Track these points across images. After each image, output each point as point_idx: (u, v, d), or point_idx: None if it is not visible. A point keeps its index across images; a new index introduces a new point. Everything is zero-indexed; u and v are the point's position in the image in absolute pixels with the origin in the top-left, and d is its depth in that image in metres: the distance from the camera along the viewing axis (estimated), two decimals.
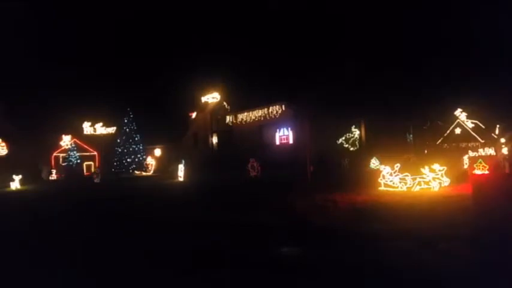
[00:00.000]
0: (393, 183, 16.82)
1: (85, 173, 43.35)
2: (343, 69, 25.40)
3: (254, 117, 28.45)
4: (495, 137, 36.06)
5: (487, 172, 20.56)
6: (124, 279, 6.23)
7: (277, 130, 26.45)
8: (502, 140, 32.76)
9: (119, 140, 42.02)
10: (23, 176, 29.49)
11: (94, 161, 46.56)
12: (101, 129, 50.03)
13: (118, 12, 69.26)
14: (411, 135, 29.75)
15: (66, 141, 45.19)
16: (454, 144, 34.74)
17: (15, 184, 28.55)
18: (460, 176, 18.52)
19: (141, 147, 41.89)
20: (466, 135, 36.27)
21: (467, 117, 37.65)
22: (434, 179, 16.04)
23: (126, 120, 41.99)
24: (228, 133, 33.27)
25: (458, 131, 37.02)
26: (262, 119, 27.67)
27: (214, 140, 36.24)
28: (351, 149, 27.31)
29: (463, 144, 33.98)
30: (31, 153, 38.08)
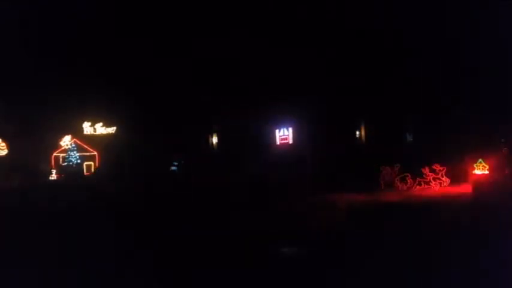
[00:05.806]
0: (393, 183, 16.84)
1: (85, 173, 43.33)
2: (343, 68, 25.31)
3: (254, 117, 28.42)
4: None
5: (486, 172, 20.47)
6: None
7: (277, 130, 26.42)
8: (502, 140, 32.69)
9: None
10: (22, 176, 29.40)
11: (94, 161, 46.56)
12: (101, 129, 49.97)
13: (118, 11, 69.25)
14: (411, 135, 29.71)
15: (66, 141, 45.17)
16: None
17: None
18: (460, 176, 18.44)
19: None
20: None
21: None
22: (434, 179, 16.05)
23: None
24: (227, 133, 33.31)
25: None
26: (262, 119, 27.66)
27: (214, 140, 36.31)
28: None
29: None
30: (31, 153, 38.06)
